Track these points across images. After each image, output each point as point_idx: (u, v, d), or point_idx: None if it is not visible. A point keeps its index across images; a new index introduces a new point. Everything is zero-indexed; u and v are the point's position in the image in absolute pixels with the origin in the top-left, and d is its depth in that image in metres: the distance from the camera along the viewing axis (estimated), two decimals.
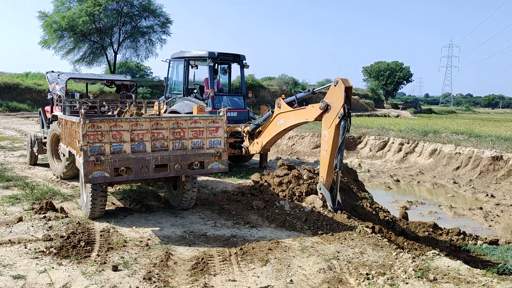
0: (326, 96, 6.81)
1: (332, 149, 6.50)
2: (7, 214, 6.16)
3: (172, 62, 12.03)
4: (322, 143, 6.80)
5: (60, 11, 34.74)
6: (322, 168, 6.74)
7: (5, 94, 29.43)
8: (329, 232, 5.78)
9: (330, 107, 6.68)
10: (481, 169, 12.81)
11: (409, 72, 73.00)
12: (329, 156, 6.56)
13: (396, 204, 10.14)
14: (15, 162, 10.45)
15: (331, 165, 6.56)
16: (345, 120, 6.35)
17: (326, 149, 6.64)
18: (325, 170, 6.65)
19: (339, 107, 6.39)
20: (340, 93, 6.43)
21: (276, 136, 9.16)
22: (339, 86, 6.46)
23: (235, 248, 5.07)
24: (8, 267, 4.31)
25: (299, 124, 8.40)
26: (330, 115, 6.67)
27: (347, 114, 6.34)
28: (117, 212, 6.51)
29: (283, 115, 8.56)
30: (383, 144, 17.01)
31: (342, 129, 6.37)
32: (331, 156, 6.54)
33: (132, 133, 5.50)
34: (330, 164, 6.57)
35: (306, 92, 8.32)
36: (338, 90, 6.48)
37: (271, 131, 9.09)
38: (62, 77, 9.18)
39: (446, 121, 28.86)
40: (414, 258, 4.86)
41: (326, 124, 6.73)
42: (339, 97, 6.44)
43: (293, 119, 8.20)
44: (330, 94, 6.69)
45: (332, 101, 6.63)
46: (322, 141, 6.81)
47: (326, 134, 6.71)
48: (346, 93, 6.35)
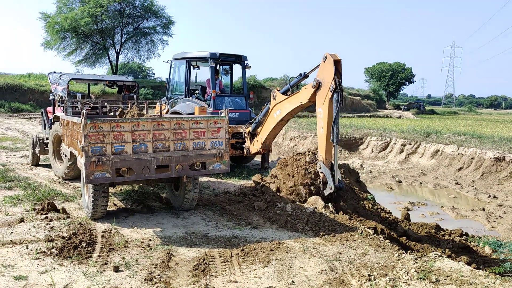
0: (317, 74, 6.90)
1: (328, 124, 6.54)
2: (9, 214, 6.17)
3: (174, 63, 12.03)
4: (318, 121, 6.82)
5: (63, 12, 34.82)
6: (321, 146, 6.74)
7: (7, 95, 29.51)
8: (331, 233, 5.76)
9: (321, 83, 6.77)
10: (484, 170, 12.76)
11: (411, 73, 72.87)
12: (325, 132, 6.58)
13: (398, 205, 10.11)
14: (17, 163, 10.47)
15: (329, 141, 6.57)
16: (337, 93, 6.42)
17: (322, 125, 6.66)
18: (323, 147, 6.66)
19: (330, 81, 6.46)
20: (329, 67, 6.51)
21: (274, 130, 9.05)
22: (328, 61, 6.55)
23: (237, 249, 5.06)
24: (9, 268, 4.31)
25: (295, 111, 8.31)
26: (322, 91, 6.72)
27: (338, 87, 6.40)
28: (119, 212, 6.51)
29: (279, 105, 8.54)
30: (385, 145, 16.98)
31: (335, 102, 6.43)
32: (327, 132, 6.56)
33: (133, 133, 5.50)
34: (327, 140, 6.58)
35: (299, 76, 8.28)
36: (328, 65, 6.56)
37: (269, 125, 9.05)
38: (64, 78, 9.20)
39: (448, 122, 28.80)
40: (416, 259, 4.84)
41: (319, 101, 6.79)
42: (329, 72, 6.52)
43: (288, 106, 8.19)
44: (321, 71, 6.78)
45: (323, 77, 6.71)
46: (318, 119, 6.84)
47: (320, 111, 6.74)
48: (335, 67, 6.44)
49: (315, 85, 6.89)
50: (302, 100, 7.60)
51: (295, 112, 8.38)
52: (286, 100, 8.27)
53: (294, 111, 8.32)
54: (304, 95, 7.45)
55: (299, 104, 7.81)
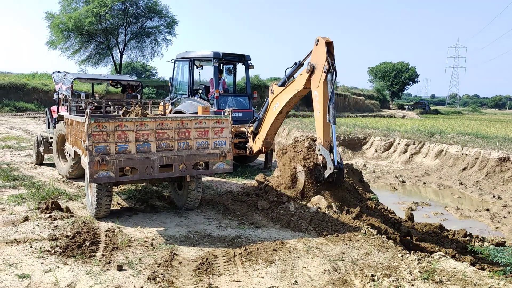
0: (310, 59, 6.98)
1: (324, 105, 6.58)
2: (13, 213, 6.20)
3: (177, 63, 12.04)
4: (314, 104, 6.87)
5: (67, 11, 34.96)
6: (318, 128, 6.76)
7: (12, 94, 29.63)
8: (334, 233, 5.75)
9: (315, 67, 6.86)
10: (488, 170, 12.71)
11: (415, 72, 72.67)
12: (322, 114, 6.61)
13: (401, 205, 10.08)
14: (22, 162, 10.51)
15: (326, 123, 6.58)
16: (331, 73, 6.49)
17: (319, 108, 6.70)
18: (321, 129, 6.67)
19: (323, 63, 6.56)
20: (322, 50, 6.63)
21: (274, 124, 9.02)
22: (320, 43, 6.68)
23: (240, 248, 5.06)
24: (13, 266, 4.33)
25: (293, 101, 8.30)
26: (316, 74, 6.80)
27: (332, 67, 6.48)
28: (122, 212, 6.53)
29: (277, 98, 8.55)
30: (388, 145, 16.94)
31: (330, 83, 6.51)
32: (324, 113, 6.59)
33: (137, 133, 5.51)
34: (325, 122, 6.60)
35: (294, 66, 8.28)
36: (320, 47, 6.69)
37: (268, 119, 9.03)
38: (68, 77, 9.23)
39: (452, 122, 28.70)
40: (420, 259, 4.82)
41: (314, 85, 6.86)
42: (322, 54, 6.64)
43: (286, 97, 8.20)
44: (314, 55, 6.89)
45: (316, 60, 6.80)
46: (314, 102, 6.88)
47: (316, 94, 6.80)
48: (327, 48, 6.55)
49: (309, 69, 6.99)
50: (298, 87, 7.65)
51: (293, 102, 8.37)
52: (283, 91, 8.31)
53: (292, 101, 8.31)
54: (300, 81, 7.53)
55: (295, 92, 7.84)
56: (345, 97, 54.45)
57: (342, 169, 6.50)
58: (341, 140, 17.44)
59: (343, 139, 17.49)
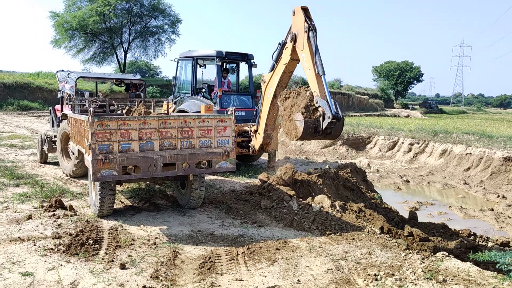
0: (291, 29, 7.31)
1: (312, 61, 6.74)
2: (17, 211, 6.22)
3: (181, 62, 12.05)
4: (303, 64, 7.07)
5: (71, 11, 35.10)
6: (312, 83, 6.80)
7: (16, 93, 29.77)
8: (337, 232, 5.74)
9: (297, 34, 7.18)
10: (493, 170, 12.65)
11: (420, 71, 72.37)
12: (313, 69, 6.74)
13: (405, 205, 10.05)
14: (26, 160, 10.55)
15: (318, 76, 6.68)
16: (312, 31, 6.81)
17: (308, 66, 6.87)
18: (314, 83, 6.72)
19: (303, 25, 6.93)
20: (299, 16, 7.03)
21: (271, 113, 8.99)
22: (297, 11, 7.11)
23: (243, 247, 5.06)
24: (17, 264, 4.35)
25: (284, 81, 8.36)
26: (299, 39, 7.11)
27: (312, 27, 6.83)
28: (125, 210, 6.54)
29: (269, 84, 8.61)
30: (392, 144, 16.89)
31: (312, 39, 6.79)
32: (314, 68, 6.72)
33: (140, 131, 5.52)
34: (316, 75, 6.69)
35: (278, 47, 8.31)
36: (298, 14, 7.10)
37: (265, 108, 9.02)
38: (72, 76, 9.25)
39: (457, 121, 28.57)
40: (423, 259, 4.80)
41: (299, 48, 7.11)
42: (300, 19, 7.03)
43: (276, 78, 8.30)
44: (294, 24, 7.24)
45: (297, 27, 7.15)
46: (303, 63, 7.08)
47: (303, 56, 7.01)
48: (304, 13, 6.97)
49: (292, 38, 7.26)
50: (285, 61, 7.83)
51: (284, 82, 8.43)
52: (273, 74, 8.38)
53: (283, 81, 8.38)
54: (286, 55, 7.72)
55: (284, 68, 7.98)
56: (349, 96, 54.35)
57: (341, 119, 6.47)
58: (345, 139, 17.40)
59: (347, 138, 17.45)
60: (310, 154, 16.71)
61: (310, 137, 6.71)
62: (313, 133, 6.65)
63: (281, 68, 8.02)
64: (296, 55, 7.38)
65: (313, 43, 6.77)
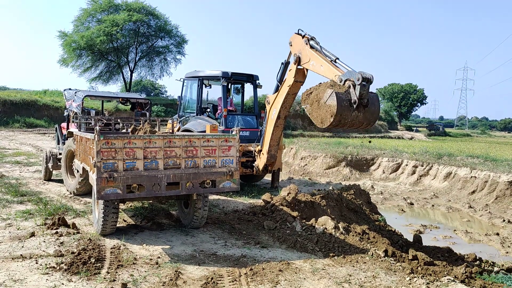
0: (292, 52, 7.78)
1: (322, 59, 7.06)
2: (20, 228, 6.21)
3: (186, 81, 12.18)
4: (316, 69, 7.28)
5: (79, 30, 35.71)
6: (329, 72, 6.82)
7: (23, 110, 30.04)
8: (340, 254, 5.69)
9: (299, 54, 7.61)
10: (498, 193, 12.55)
11: (423, 94, 72.66)
12: (326, 62, 6.95)
13: (409, 228, 9.96)
14: (30, 177, 10.59)
15: (332, 64, 6.86)
16: (312, 39, 7.37)
17: (321, 63, 7.10)
18: (331, 70, 6.78)
19: (303, 43, 7.48)
20: (296, 39, 7.73)
21: (274, 133, 9.06)
22: (294, 38, 7.76)
23: (245, 268, 5.02)
24: (18, 282, 4.32)
25: (288, 102, 8.53)
26: (303, 56, 7.56)
27: (310, 37, 7.43)
28: (128, 229, 6.52)
29: (273, 105, 8.70)
30: (396, 166, 16.83)
31: (316, 45, 7.32)
32: (326, 60, 6.98)
33: (145, 150, 5.55)
34: (332, 64, 6.86)
35: (281, 66, 8.67)
36: (294, 39, 7.73)
37: (269, 129, 9.12)
38: (79, 95, 9.36)
39: (461, 144, 28.50)
40: (428, 283, 4.74)
41: (306, 60, 7.53)
42: (298, 40, 7.62)
43: (280, 99, 8.43)
44: (294, 48, 7.76)
45: (297, 48, 7.64)
46: (315, 68, 7.31)
47: (313, 63, 7.33)
48: (301, 36, 7.63)
49: (295, 60, 7.62)
50: (289, 83, 8.05)
51: (288, 103, 8.56)
52: (278, 95, 8.50)
53: (287, 103, 8.53)
54: (290, 77, 7.99)
55: (288, 90, 8.18)
56: None
57: (370, 80, 6.04)
58: (348, 161, 17.37)
59: (350, 159, 17.43)
60: (314, 175, 16.67)
61: (347, 111, 6.19)
62: (348, 106, 6.17)
63: (285, 89, 8.13)
64: (300, 77, 7.57)
65: (317, 46, 7.19)
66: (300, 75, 7.84)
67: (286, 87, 8.12)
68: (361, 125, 6.53)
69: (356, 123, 6.43)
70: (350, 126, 6.49)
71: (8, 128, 27.05)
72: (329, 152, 17.94)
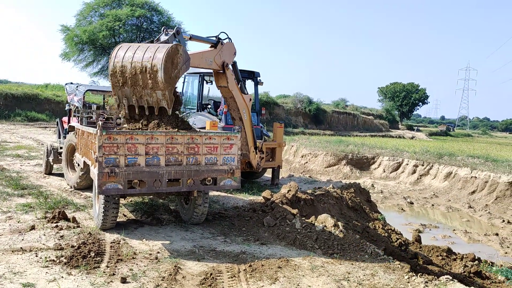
0: (217, 58, 7.82)
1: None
2: (20, 222, 6.23)
3: (187, 77, 12.17)
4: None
5: (82, 25, 35.63)
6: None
7: (24, 104, 30.05)
8: (340, 252, 5.70)
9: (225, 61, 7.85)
10: (498, 194, 12.56)
11: (425, 93, 72.62)
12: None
13: (409, 227, 9.97)
14: (31, 171, 10.61)
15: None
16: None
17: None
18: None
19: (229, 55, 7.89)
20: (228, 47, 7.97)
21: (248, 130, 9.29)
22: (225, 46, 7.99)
23: (244, 264, 5.03)
24: (18, 275, 4.34)
25: (231, 104, 8.83)
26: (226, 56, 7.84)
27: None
28: (128, 224, 6.54)
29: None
30: (397, 165, 16.84)
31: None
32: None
33: (147, 146, 5.56)
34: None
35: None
36: (227, 47, 7.96)
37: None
38: (81, 89, 9.37)
39: (462, 144, 28.50)
40: (427, 282, 4.75)
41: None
42: (230, 49, 7.94)
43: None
44: (223, 54, 7.91)
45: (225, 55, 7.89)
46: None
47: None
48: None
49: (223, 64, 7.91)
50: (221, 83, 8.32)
51: (232, 106, 8.88)
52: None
53: (231, 105, 8.90)
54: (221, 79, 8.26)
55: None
56: (354, 116, 54.46)
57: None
58: (349, 159, 17.37)
59: (351, 158, 17.43)
60: (314, 173, 16.68)
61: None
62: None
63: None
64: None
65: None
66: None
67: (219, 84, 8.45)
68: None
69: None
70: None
71: (9, 121, 27.06)
72: (329, 150, 17.94)
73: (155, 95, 5.86)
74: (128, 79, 5.92)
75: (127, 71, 5.88)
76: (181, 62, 5.99)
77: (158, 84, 5.73)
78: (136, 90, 5.95)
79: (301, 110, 45.71)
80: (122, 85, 6.01)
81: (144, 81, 5.81)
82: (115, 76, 6.01)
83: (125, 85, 6.00)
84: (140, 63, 5.79)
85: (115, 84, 6.06)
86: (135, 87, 5.93)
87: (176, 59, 5.87)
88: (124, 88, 6.03)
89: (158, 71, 5.66)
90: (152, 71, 5.70)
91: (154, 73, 5.70)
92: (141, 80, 5.84)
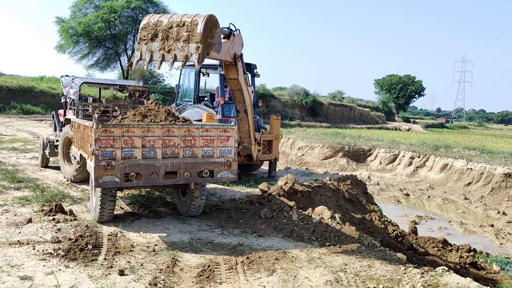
0: (230, 50, 7.39)
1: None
2: (17, 215, 6.22)
3: (184, 70, 12.10)
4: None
5: (77, 17, 35.33)
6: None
7: (19, 97, 29.84)
8: (336, 244, 5.73)
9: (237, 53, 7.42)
10: (493, 185, 12.64)
11: (421, 86, 72.68)
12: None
13: (405, 218, 10.03)
14: (27, 164, 10.57)
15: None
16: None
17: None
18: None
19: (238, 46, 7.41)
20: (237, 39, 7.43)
21: (241, 127, 9.10)
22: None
23: (242, 256, 5.05)
24: (16, 268, 4.35)
25: (238, 96, 8.54)
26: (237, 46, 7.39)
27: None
28: (125, 216, 6.54)
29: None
30: (393, 157, 16.90)
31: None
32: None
33: (143, 139, 5.54)
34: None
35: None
36: (237, 38, 7.39)
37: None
38: (76, 81, 9.31)
39: (458, 136, 28.60)
40: (423, 273, 4.79)
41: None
42: (239, 41, 7.45)
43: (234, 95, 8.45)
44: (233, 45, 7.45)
45: (236, 47, 7.42)
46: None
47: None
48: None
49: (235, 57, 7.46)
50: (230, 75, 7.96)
51: (238, 98, 8.59)
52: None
53: (237, 98, 8.59)
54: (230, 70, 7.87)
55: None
56: (351, 108, 54.49)
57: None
58: (346, 151, 17.40)
59: (347, 150, 17.46)
60: (311, 165, 16.72)
61: None
62: None
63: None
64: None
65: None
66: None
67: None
68: None
69: None
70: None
71: (4, 114, 26.90)
72: (326, 143, 17.97)
73: (187, 48, 5.76)
74: (160, 32, 5.91)
75: (161, 25, 5.91)
76: (216, 37, 6.01)
77: (195, 36, 5.68)
78: (166, 43, 5.90)
79: (298, 103, 45.68)
80: (151, 38, 6.01)
81: (179, 34, 5.77)
82: (146, 30, 6.05)
83: (154, 39, 5.99)
84: (179, 18, 5.85)
85: (143, 38, 6.08)
86: (166, 40, 5.89)
87: (213, 31, 5.91)
88: (152, 43, 6.02)
89: (198, 24, 5.66)
90: (191, 25, 5.70)
91: (193, 26, 5.69)
92: (175, 33, 5.81)
